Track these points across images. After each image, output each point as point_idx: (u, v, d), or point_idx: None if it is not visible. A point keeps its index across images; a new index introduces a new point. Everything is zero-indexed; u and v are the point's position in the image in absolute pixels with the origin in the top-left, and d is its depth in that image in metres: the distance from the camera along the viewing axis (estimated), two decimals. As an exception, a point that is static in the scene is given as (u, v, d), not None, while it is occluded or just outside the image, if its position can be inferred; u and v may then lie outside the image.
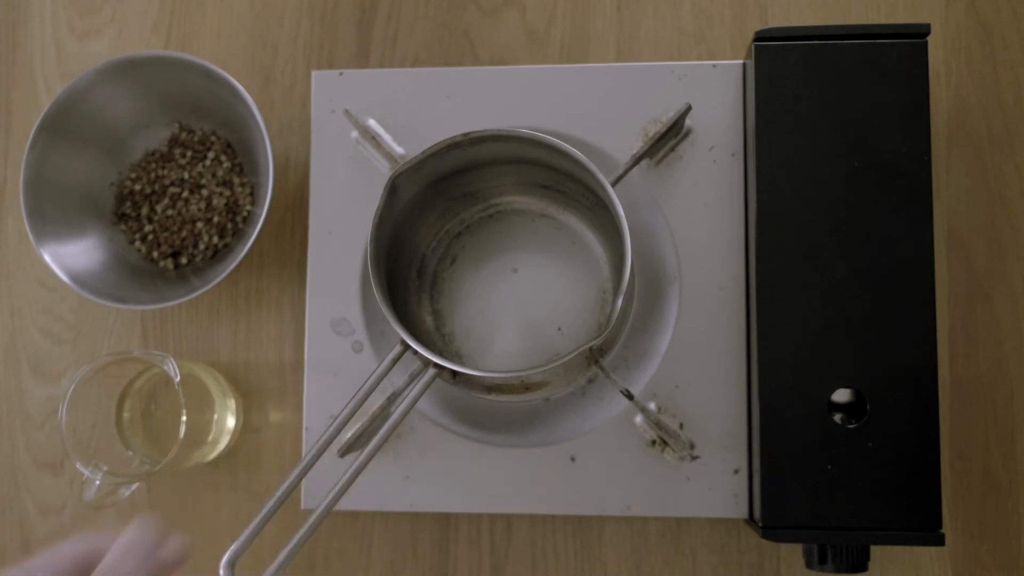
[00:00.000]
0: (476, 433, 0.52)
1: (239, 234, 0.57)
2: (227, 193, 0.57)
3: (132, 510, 0.57)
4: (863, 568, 0.47)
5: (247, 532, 0.41)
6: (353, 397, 0.45)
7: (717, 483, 0.49)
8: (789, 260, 0.47)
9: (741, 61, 0.53)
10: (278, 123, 0.59)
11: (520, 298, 0.53)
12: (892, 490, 0.46)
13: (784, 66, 0.48)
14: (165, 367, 0.49)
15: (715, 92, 0.52)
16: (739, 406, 0.50)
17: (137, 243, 0.58)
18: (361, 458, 0.43)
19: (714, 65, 0.52)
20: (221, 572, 0.40)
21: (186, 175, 0.58)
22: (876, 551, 0.52)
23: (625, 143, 0.52)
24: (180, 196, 0.57)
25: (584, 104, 0.53)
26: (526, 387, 0.52)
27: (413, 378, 0.49)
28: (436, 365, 0.45)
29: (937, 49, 0.56)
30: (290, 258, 0.58)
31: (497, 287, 0.53)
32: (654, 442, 0.50)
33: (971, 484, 0.53)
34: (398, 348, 0.46)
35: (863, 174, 0.47)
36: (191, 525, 0.56)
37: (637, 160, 0.50)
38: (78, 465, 0.49)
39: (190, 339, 0.58)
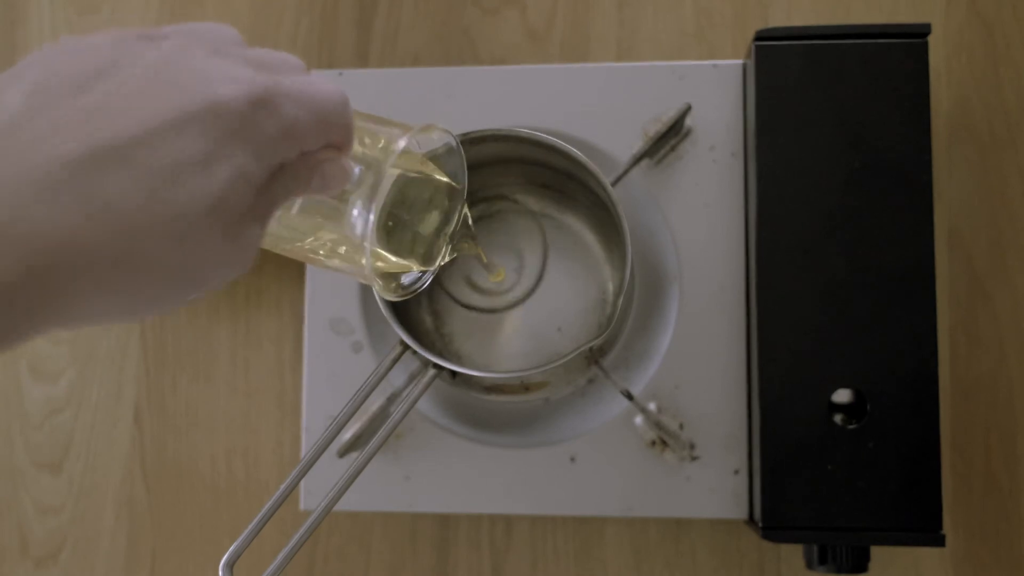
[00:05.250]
0: (476, 433, 0.52)
1: (238, 234, 0.57)
2: (226, 193, 0.57)
3: (130, 502, 0.57)
4: (863, 568, 0.47)
5: (246, 532, 0.41)
6: (353, 397, 0.45)
7: (717, 483, 0.49)
8: (789, 260, 0.47)
9: (741, 61, 0.52)
10: (278, 123, 0.59)
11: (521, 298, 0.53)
12: (892, 490, 0.45)
13: (784, 66, 0.48)
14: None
15: (715, 92, 0.52)
16: (739, 406, 0.50)
17: (136, 243, 0.58)
18: (360, 458, 0.43)
19: (714, 65, 0.52)
20: (220, 572, 0.40)
21: (185, 175, 0.57)
22: (876, 551, 0.51)
23: (625, 143, 0.52)
24: (179, 196, 0.57)
25: (584, 104, 0.53)
26: (526, 387, 0.52)
27: (413, 378, 0.49)
28: (436, 365, 0.45)
29: (938, 48, 0.56)
30: (290, 258, 0.58)
31: (497, 287, 0.53)
32: (654, 442, 0.50)
33: (971, 485, 0.53)
34: (398, 348, 0.46)
35: (863, 174, 0.47)
36: (191, 525, 0.56)
37: (637, 160, 0.50)
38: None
39: (189, 339, 0.58)
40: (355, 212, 0.31)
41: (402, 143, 0.31)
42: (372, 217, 0.30)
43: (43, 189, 0.21)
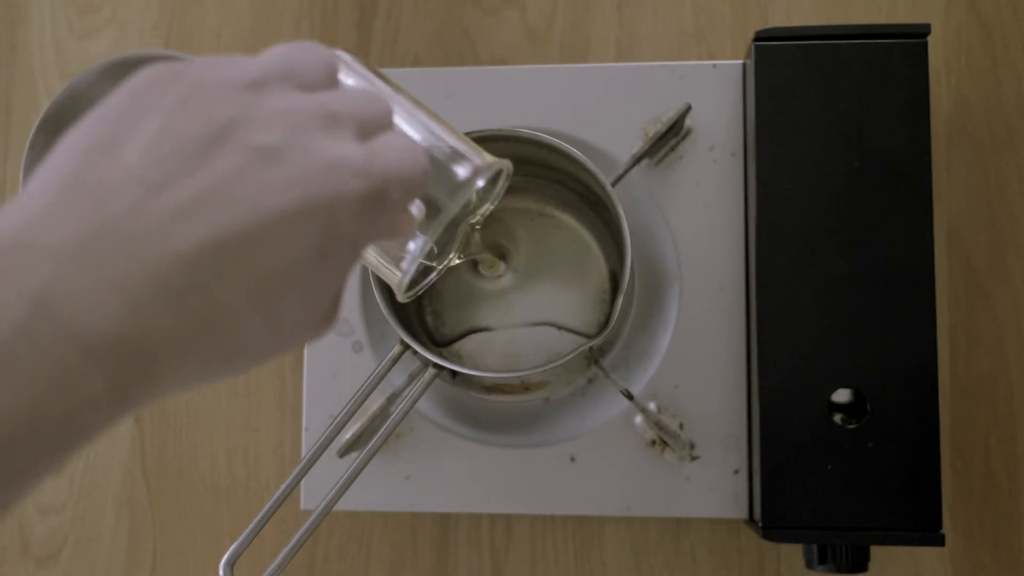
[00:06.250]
0: (476, 433, 0.52)
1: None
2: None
3: (130, 509, 0.57)
4: (863, 568, 0.47)
5: (247, 532, 0.41)
6: (353, 397, 0.45)
7: (717, 483, 0.49)
8: (789, 260, 0.47)
9: (741, 61, 0.53)
10: (278, 123, 0.59)
11: (520, 298, 0.53)
12: (892, 490, 0.45)
13: (784, 66, 0.48)
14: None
15: (715, 92, 0.52)
16: (739, 406, 0.50)
17: (137, 243, 0.58)
18: (361, 458, 0.43)
19: (714, 65, 0.52)
20: (220, 572, 0.40)
21: (186, 175, 0.57)
22: (876, 551, 0.52)
23: (625, 143, 0.52)
24: (180, 196, 0.57)
25: (584, 104, 0.53)
26: (526, 387, 0.52)
27: (413, 378, 0.49)
28: (436, 365, 0.45)
29: (937, 49, 0.56)
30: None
31: (497, 286, 0.53)
32: (654, 442, 0.50)
33: (971, 484, 0.53)
34: (398, 348, 0.46)
35: (863, 174, 0.47)
36: (191, 525, 0.56)
37: (637, 160, 0.50)
38: None
39: (190, 339, 0.58)
40: (411, 246, 0.30)
41: (480, 183, 0.30)
42: (424, 252, 0.30)
43: (160, 292, 0.21)
